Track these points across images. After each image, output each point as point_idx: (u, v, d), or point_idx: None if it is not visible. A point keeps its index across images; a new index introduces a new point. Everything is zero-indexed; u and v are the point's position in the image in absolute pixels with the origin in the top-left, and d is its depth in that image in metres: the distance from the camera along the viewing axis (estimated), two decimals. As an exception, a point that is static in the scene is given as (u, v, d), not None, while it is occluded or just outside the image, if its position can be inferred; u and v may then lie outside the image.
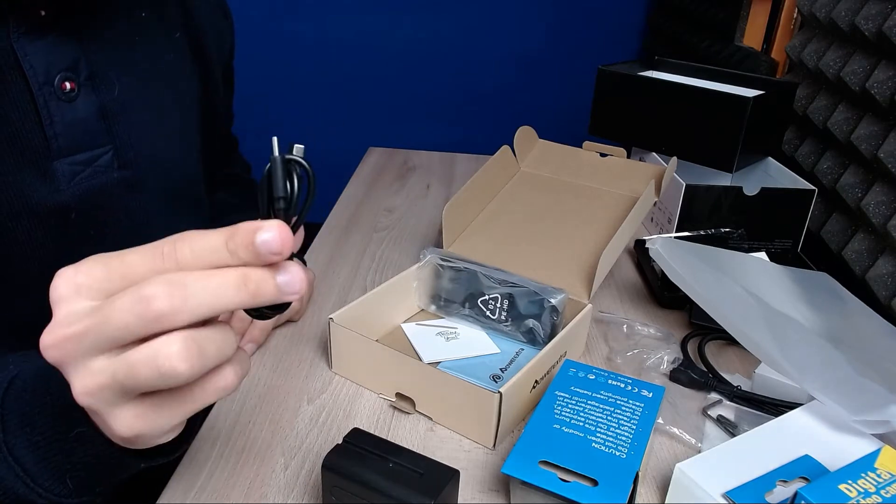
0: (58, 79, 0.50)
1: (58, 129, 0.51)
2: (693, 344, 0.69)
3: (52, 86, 0.50)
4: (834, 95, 0.97)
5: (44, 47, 0.49)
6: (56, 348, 0.33)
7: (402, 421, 0.57)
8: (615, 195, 0.79)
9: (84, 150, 0.53)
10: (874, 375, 0.52)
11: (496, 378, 0.62)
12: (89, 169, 0.53)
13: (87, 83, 0.52)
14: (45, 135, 0.50)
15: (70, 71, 0.51)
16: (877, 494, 0.40)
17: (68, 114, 0.51)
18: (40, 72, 0.49)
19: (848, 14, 0.92)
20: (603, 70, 1.02)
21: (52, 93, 0.50)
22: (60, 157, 0.51)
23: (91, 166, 0.53)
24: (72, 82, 0.51)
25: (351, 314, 0.62)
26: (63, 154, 0.52)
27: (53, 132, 0.51)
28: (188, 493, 0.49)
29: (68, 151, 0.52)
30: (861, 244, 0.85)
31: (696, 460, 0.46)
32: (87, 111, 0.52)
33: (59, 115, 0.51)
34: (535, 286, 0.64)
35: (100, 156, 0.54)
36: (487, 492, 0.50)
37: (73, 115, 0.52)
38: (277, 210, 0.34)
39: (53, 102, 0.50)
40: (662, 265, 0.63)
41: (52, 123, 0.50)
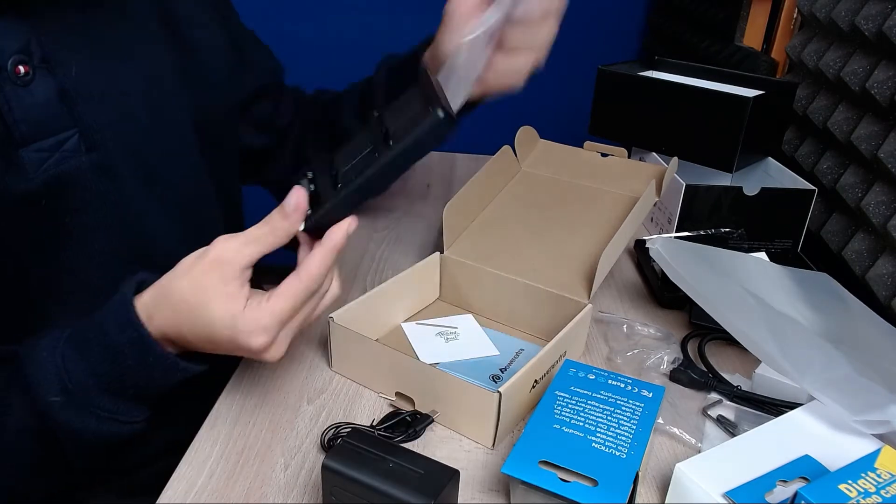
0: (10, 63, 0.49)
1: (17, 115, 0.50)
2: (693, 344, 0.69)
3: (5, 70, 0.49)
4: (834, 95, 0.97)
5: None
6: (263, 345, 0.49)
7: (402, 421, 0.57)
8: (615, 195, 0.79)
9: (48, 136, 0.52)
10: (874, 375, 0.52)
11: (496, 378, 0.62)
12: (56, 154, 0.52)
13: (41, 66, 0.51)
14: (6, 122, 0.49)
15: (22, 54, 0.50)
16: (877, 494, 0.40)
17: (26, 98, 0.50)
18: None
19: (848, 14, 0.92)
20: (603, 70, 1.02)
21: (6, 78, 0.49)
22: (25, 144, 0.50)
23: (58, 151, 0.52)
24: (25, 66, 0.50)
25: (351, 314, 0.62)
26: (27, 141, 0.51)
27: (13, 118, 0.50)
28: (188, 493, 0.49)
29: (32, 138, 0.51)
30: (861, 244, 0.85)
31: (696, 460, 0.46)
32: (45, 95, 0.51)
33: (15, 100, 0.50)
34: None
35: (65, 140, 0.53)
36: (487, 492, 0.50)
37: (31, 99, 0.50)
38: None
39: (9, 87, 0.49)
40: (662, 265, 0.63)
41: (10, 110, 0.49)
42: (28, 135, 0.51)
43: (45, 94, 0.51)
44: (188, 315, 0.49)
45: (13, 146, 0.50)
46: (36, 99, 0.51)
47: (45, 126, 0.52)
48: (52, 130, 0.52)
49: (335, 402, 0.59)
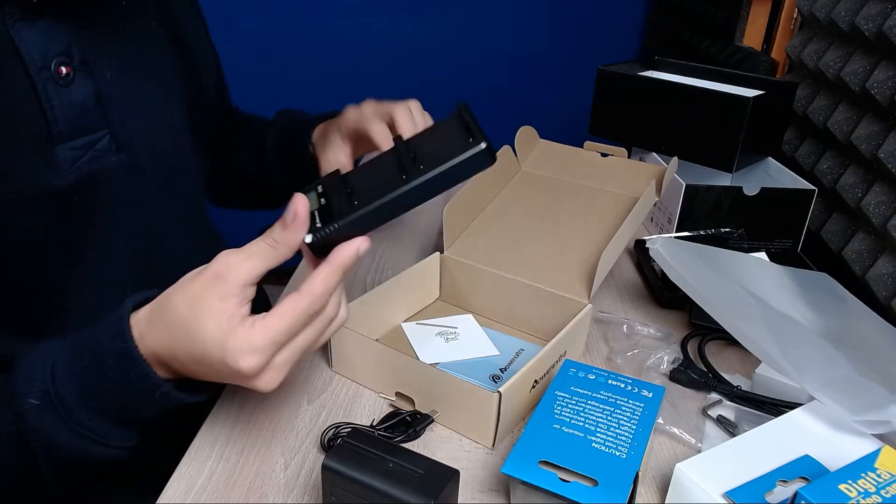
0: (54, 63, 0.51)
1: (57, 113, 0.51)
2: (693, 344, 0.69)
3: (49, 70, 0.50)
4: (834, 95, 0.97)
5: (38, 33, 0.50)
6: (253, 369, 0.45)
7: (402, 421, 0.57)
8: (615, 195, 0.79)
9: (82, 135, 0.53)
10: (874, 375, 0.52)
11: (496, 378, 0.62)
12: (89, 153, 0.54)
13: (80, 67, 0.53)
14: (46, 119, 0.51)
15: (64, 55, 0.51)
16: (877, 494, 0.40)
17: (66, 98, 0.52)
18: (37, 57, 0.50)
19: (848, 14, 0.92)
20: (603, 70, 1.02)
21: (49, 77, 0.50)
22: (61, 141, 0.52)
23: (90, 150, 0.54)
24: (67, 66, 0.52)
25: (351, 313, 0.62)
26: (63, 139, 0.52)
27: (53, 116, 0.51)
28: (188, 493, 0.49)
29: (68, 136, 0.52)
30: (861, 244, 0.85)
31: (696, 460, 0.46)
32: (83, 95, 0.53)
33: (57, 99, 0.51)
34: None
35: (98, 140, 0.54)
36: (487, 492, 0.50)
37: (71, 98, 0.52)
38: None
39: (52, 87, 0.51)
40: (662, 265, 0.63)
41: (52, 108, 0.51)
42: (65, 133, 0.52)
43: (83, 95, 0.53)
44: (181, 332, 0.45)
45: (51, 143, 0.51)
46: (75, 99, 0.52)
47: (81, 125, 0.53)
48: (87, 130, 0.54)
49: (335, 402, 0.59)
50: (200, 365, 0.46)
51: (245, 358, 0.44)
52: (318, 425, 0.56)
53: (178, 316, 0.46)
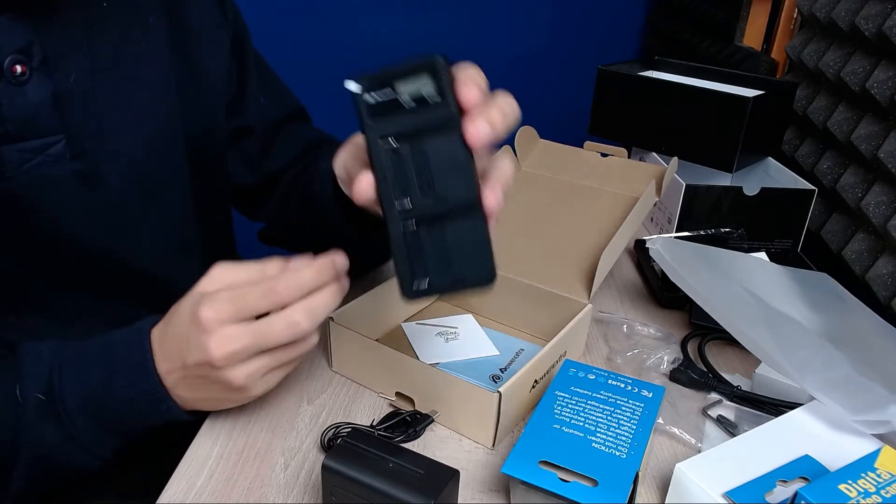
0: (8, 61, 0.49)
1: (6, 112, 0.49)
2: (693, 344, 0.69)
3: (1, 68, 0.49)
4: (834, 95, 0.97)
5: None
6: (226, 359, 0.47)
7: (402, 421, 0.57)
8: (615, 195, 0.79)
9: (33, 137, 0.51)
10: (874, 375, 0.52)
11: (496, 378, 0.62)
12: (39, 157, 0.52)
13: (40, 68, 0.51)
14: None
15: (22, 54, 0.49)
16: (877, 494, 0.40)
17: (18, 98, 0.50)
18: None
19: (848, 14, 0.92)
20: (603, 70, 1.02)
21: (0, 75, 0.49)
22: (8, 142, 0.50)
23: (41, 154, 0.52)
24: (23, 66, 0.50)
25: (351, 314, 0.62)
26: (11, 139, 0.50)
27: (1, 116, 0.49)
28: (188, 493, 0.49)
29: (17, 137, 0.50)
30: (861, 244, 0.85)
31: (696, 460, 0.46)
32: (38, 97, 0.51)
33: (7, 98, 0.49)
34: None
35: (51, 144, 0.52)
36: (487, 492, 0.50)
37: (24, 99, 0.50)
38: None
39: (2, 85, 0.49)
40: (662, 265, 0.63)
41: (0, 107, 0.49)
42: (13, 133, 0.50)
43: (38, 96, 0.51)
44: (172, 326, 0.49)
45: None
46: (28, 99, 0.50)
47: (33, 128, 0.51)
48: (39, 133, 0.51)
49: (335, 402, 0.59)
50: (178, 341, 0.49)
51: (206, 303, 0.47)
52: (318, 425, 0.56)
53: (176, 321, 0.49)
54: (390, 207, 0.43)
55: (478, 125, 0.40)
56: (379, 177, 0.42)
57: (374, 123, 0.41)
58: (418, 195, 0.42)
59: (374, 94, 0.41)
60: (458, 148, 0.41)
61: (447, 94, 0.40)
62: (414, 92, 0.40)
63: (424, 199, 0.42)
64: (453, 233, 0.43)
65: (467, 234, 0.43)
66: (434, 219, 0.43)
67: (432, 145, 0.41)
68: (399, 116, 0.41)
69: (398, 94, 0.41)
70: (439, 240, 0.43)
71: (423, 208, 0.42)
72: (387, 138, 0.42)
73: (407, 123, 0.41)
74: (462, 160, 0.41)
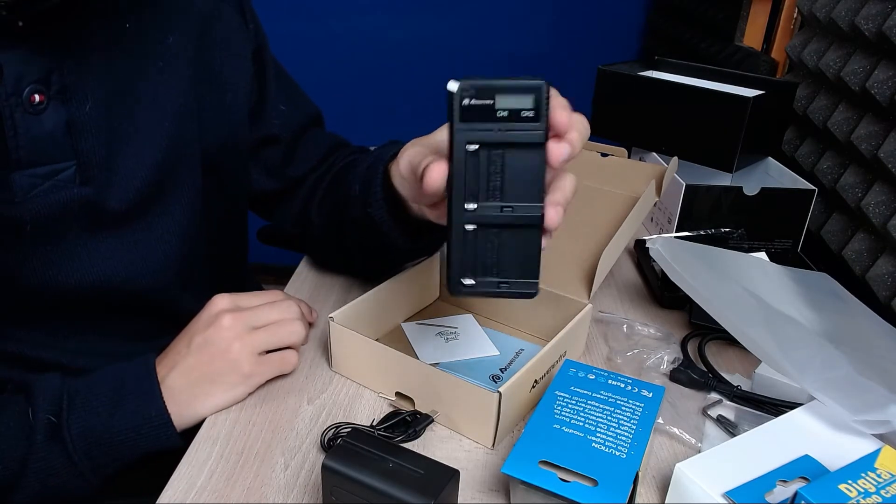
0: (27, 91, 0.49)
1: (21, 140, 0.50)
2: (693, 344, 0.69)
3: (20, 97, 0.49)
4: (834, 95, 0.97)
5: (17, 58, 0.49)
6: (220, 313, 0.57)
7: (402, 421, 0.57)
8: (615, 195, 0.78)
9: (45, 164, 0.52)
10: (874, 375, 0.52)
11: (496, 378, 0.62)
12: (49, 182, 0.52)
13: (57, 96, 0.51)
14: (7, 146, 0.49)
15: (40, 83, 0.50)
16: (877, 494, 0.40)
17: (34, 127, 0.50)
18: (10, 83, 0.48)
19: (848, 14, 0.92)
20: (603, 70, 1.02)
21: (19, 104, 0.49)
22: (20, 168, 0.51)
23: (51, 180, 0.52)
24: (41, 95, 0.50)
25: (351, 314, 0.62)
26: (23, 166, 0.51)
27: (16, 143, 0.50)
28: (188, 493, 0.49)
29: (28, 164, 0.51)
30: (861, 244, 0.85)
31: (696, 460, 0.46)
32: (53, 125, 0.51)
33: (23, 127, 0.50)
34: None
35: (61, 170, 0.53)
36: (487, 492, 0.50)
37: (39, 128, 0.51)
38: None
39: (19, 114, 0.49)
40: (662, 265, 0.63)
41: (15, 135, 0.50)
42: (25, 160, 0.51)
43: (53, 124, 0.51)
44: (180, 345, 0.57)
45: (8, 168, 0.50)
46: (43, 127, 0.51)
47: (45, 154, 0.52)
48: (51, 159, 0.52)
49: (335, 402, 0.59)
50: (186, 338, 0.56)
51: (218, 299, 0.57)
52: (318, 425, 0.56)
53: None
54: (458, 203, 0.45)
55: (562, 146, 0.43)
56: (454, 173, 0.44)
57: (464, 125, 0.44)
58: (486, 200, 0.44)
59: (470, 99, 0.43)
60: (537, 165, 0.44)
61: (543, 114, 0.43)
62: (511, 106, 0.43)
63: (491, 205, 0.44)
64: (509, 241, 0.45)
65: (522, 245, 0.45)
66: (495, 225, 0.45)
67: (513, 157, 0.44)
68: (489, 124, 0.43)
69: (495, 104, 0.43)
70: (494, 245, 0.45)
71: (487, 212, 0.45)
72: (472, 142, 0.44)
73: (496, 133, 0.43)
74: (538, 176, 0.44)
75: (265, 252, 0.87)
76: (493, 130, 0.43)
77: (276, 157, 0.76)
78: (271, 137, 0.75)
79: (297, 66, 0.81)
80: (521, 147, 0.44)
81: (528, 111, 0.43)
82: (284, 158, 0.76)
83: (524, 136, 0.43)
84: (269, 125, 0.74)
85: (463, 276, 0.45)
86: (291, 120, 0.76)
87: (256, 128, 0.73)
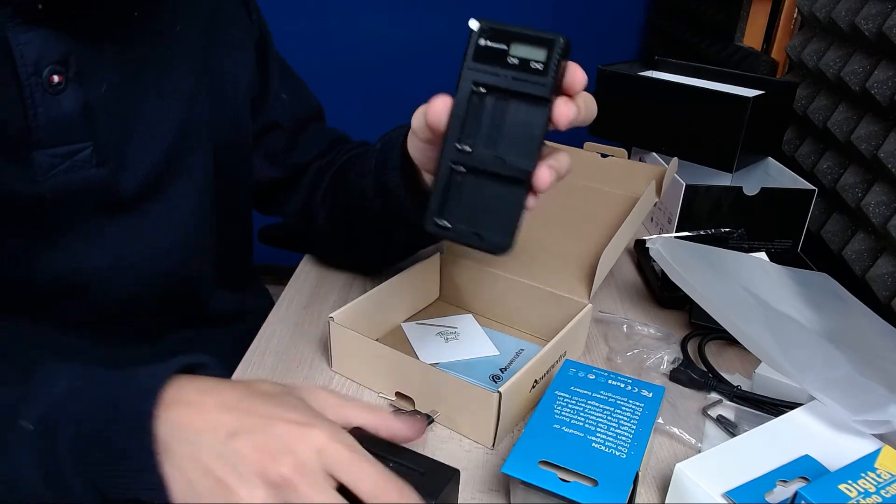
0: (46, 71, 0.51)
1: (41, 120, 0.51)
2: (693, 344, 0.69)
3: (40, 77, 0.50)
4: (834, 95, 0.97)
5: (37, 39, 0.50)
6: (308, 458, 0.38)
7: (402, 421, 0.57)
8: (615, 195, 0.79)
9: (64, 144, 0.53)
10: (874, 375, 0.52)
11: (496, 378, 0.62)
12: (67, 162, 0.54)
13: (74, 78, 0.53)
14: (28, 125, 0.51)
15: (59, 65, 0.51)
16: (877, 494, 0.40)
17: (53, 107, 0.52)
18: (30, 62, 0.50)
19: (848, 14, 0.92)
20: (603, 70, 1.02)
21: (38, 84, 0.51)
22: (40, 147, 0.52)
23: (70, 160, 0.54)
24: (60, 76, 0.52)
25: (351, 313, 0.62)
26: (43, 145, 0.52)
27: (36, 123, 0.51)
28: (188, 492, 0.49)
29: (48, 143, 0.52)
30: (861, 244, 0.85)
31: (696, 460, 0.46)
32: (70, 106, 0.53)
33: (43, 106, 0.51)
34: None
35: (79, 150, 0.54)
36: (487, 492, 0.50)
37: (58, 108, 0.52)
38: None
39: (39, 94, 0.51)
40: (663, 265, 0.63)
41: (35, 115, 0.51)
42: (46, 140, 0.52)
43: (71, 106, 0.53)
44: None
45: (29, 147, 0.51)
46: (62, 109, 0.52)
47: (64, 135, 0.53)
48: (69, 140, 0.53)
49: (335, 402, 0.59)
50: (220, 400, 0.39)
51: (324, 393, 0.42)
52: (318, 425, 0.56)
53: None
54: (452, 140, 0.44)
55: (570, 105, 0.43)
56: (455, 111, 0.44)
57: (475, 65, 0.43)
58: (481, 145, 0.44)
59: (487, 41, 0.43)
60: (539, 120, 0.43)
61: (551, 69, 0.42)
62: (523, 55, 0.42)
63: (485, 151, 0.44)
64: (494, 193, 0.44)
65: (505, 199, 0.44)
66: (483, 172, 0.44)
67: (515, 108, 0.43)
68: (499, 69, 0.43)
69: (509, 51, 0.43)
70: (478, 192, 0.44)
71: (479, 158, 0.44)
72: (479, 84, 0.44)
73: (503, 79, 0.43)
74: (536, 133, 0.43)
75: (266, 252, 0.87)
76: (501, 76, 0.43)
77: (279, 144, 0.76)
78: (273, 124, 0.75)
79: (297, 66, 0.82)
80: (524, 99, 0.43)
81: (538, 63, 0.42)
82: (287, 145, 0.77)
83: (529, 87, 0.42)
84: (271, 113, 0.75)
85: (440, 215, 0.45)
86: (294, 110, 0.77)
87: (258, 116, 0.73)
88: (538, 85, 0.42)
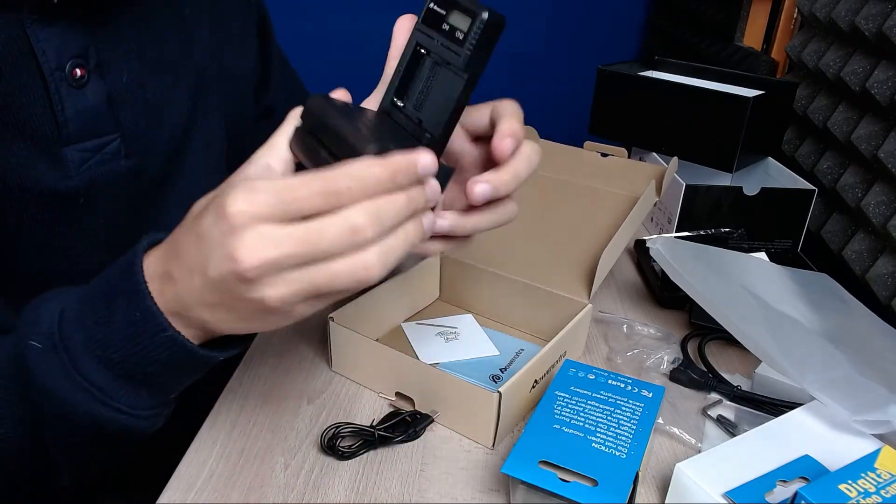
0: (69, 65, 0.51)
1: (69, 114, 0.51)
2: (693, 344, 0.69)
3: (63, 72, 0.50)
4: (834, 95, 0.97)
5: (56, 34, 0.50)
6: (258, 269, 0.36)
7: (402, 421, 0.57)
8: (615, 195, 0.78)
9: (93, 138, 0.53)
10: (874, 375, 0.52)
11: (496, 378, 0.62)
12: (98, 156, 0.54)
13: (95, 70, 0.53)
14: (56, 121, 0.51)
15: (80, 58, 0.51)
16: (877, 494, 0.40)
17: (79, 100, 0.52)
18: (52, 58, 0.50)
19: (848, 14, 0.92)
20: (603, 70, 1.02)
21: (63, 78, 0.50)
22: (70, 143, 0.52)
23: (100, 153, 0.54)
24: (82, 69, 0.52)
25: (351, 314, 0.62)
26: (73, 140, 0.52)
27: (64, 118, 0.51)
28: (188, 493, 0.49)
29: (77, 138, 0.52)
30: (861, 244, 0.85)
31: (696, 460, 0.46)
32: (95, 98, 0.53)
33: (69, 101, 0.51)
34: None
35: (108, 143, 0.54)
36: (487, 492, 0.50)
37: (84, 101, 0.52)
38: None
39: (64, 88, 0.51)
40: (663, 265, 0.63)
41: (63, 109, 0.51)
42: (74, 134, 0.52)
43: (96, 98, 0.53)
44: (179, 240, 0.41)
45: (59, 144, 0.51)
46: (88, 101, 0.52)
47: (92, 128, 0.53)
48: (97, 133, 0.54)
49: (335, 402, 0.59)
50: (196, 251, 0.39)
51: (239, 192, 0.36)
52: (318, 425, 0.56)
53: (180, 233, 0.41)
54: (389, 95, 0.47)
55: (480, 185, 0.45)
56: (398, 67, 0.47)
57: (421, 27, 0.45)
58: (411, 103, 0.46)
59: (435, 5, 0.44)
60: (453, 91, 0.43)
61: (469, 41, 0.42)
62: (453, 23, 0.43)
63: (410, 111, 0.46)
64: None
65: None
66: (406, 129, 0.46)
67: (442, 75, 0.44)
68: (437, 34, 0.44)
69: (446, 17, 0.43)
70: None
71: (405, 115, 0.46)
72: (420, 45, 0.45)
73: (437, 44, 0.44)
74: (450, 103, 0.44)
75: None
76: (435, 41, 0.44)
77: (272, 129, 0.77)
78: (270, 109, 0.77)
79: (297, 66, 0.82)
80: (448, 68, 0.43)
81: (460, 32, 0.42)
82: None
83: (450, 56, 0.43)
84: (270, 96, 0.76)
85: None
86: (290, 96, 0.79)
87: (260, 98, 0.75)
88: (455, 55, 0.43)
